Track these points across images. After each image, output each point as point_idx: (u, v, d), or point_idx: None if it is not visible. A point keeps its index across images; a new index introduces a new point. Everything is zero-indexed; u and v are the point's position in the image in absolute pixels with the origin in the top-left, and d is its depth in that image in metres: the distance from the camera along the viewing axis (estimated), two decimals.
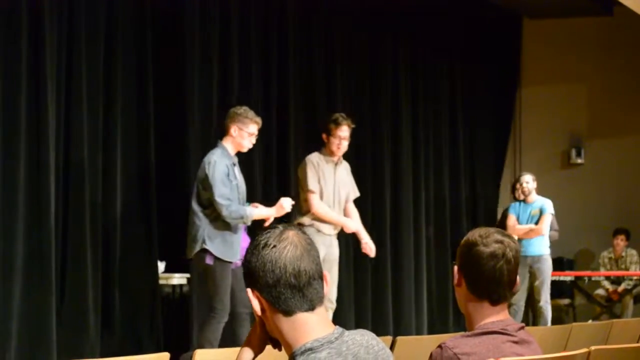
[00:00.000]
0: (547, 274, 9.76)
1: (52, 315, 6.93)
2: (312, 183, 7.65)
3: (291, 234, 2.29)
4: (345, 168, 7.99)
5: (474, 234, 3.02)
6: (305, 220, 7.69)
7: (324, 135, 7.75)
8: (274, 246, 2.27)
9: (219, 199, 6.75)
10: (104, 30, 7.55)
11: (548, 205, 9.82)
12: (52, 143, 7.01)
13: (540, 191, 10.17)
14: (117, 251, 7.56)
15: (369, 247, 7.96)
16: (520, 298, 9.71)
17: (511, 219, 9.89)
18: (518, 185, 9.95)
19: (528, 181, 9.89)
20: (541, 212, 9.77)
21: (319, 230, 7.65)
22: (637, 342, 6.84)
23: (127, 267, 7.63)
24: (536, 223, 9.74)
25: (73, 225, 7.25)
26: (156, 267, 7.92)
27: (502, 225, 9.90)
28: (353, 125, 7.80)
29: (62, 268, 7.20)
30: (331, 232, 7.78)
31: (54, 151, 7.05)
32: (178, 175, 8.32)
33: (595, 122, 12.91)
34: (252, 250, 2.29)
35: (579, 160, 12.90)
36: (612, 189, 12.67)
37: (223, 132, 7.01)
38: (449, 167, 11.70)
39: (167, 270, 8.26)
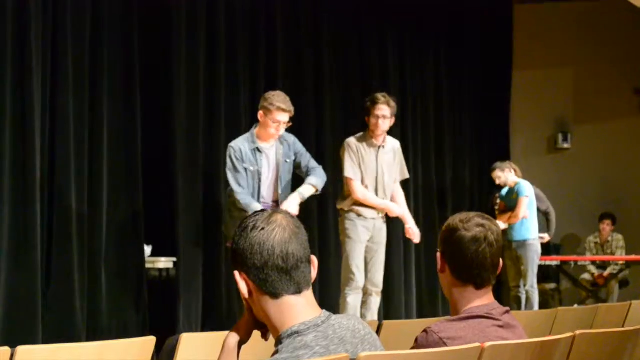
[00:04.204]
0: (532, 258, 9.75)
1: (38, 298, 6.92)
2: (348, 169, 7.46)
3: (280, 217, 2.30)
4: (391, 150, 7.72)
5: (455, 219, 3.03)
6: (345, 205, 7.56)
7: (366, 118, 7.54)
8: (263, 228, 2.27)
9: (232, 185, 6.80)
10: (90, 12, 7.51)
11: (521, 188, 9.78)
12: (38, 125, 6.98)
13: (527, 176, 10.20)
14: (104, 234, 7.54)
15: (412, 231, 7.77)
16: (519, 282, 9.75)
17: (501, 206, 9.95)
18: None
19: (499, 176, 9.89)
20: (517, 196, 9.77)
21: (359, 215, 7.52)
22: (622, 327, 6.86)
23: (113, 251, 7.61)
24: (514, 207, 9.76)
25: (59, 207, 7.23)
26: (143, 250, 7.91)
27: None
28: (394, 105, 7.50)
29: (48, 251, 7.18)
30: (374, 215, 7.58)
31: (40, 133, 7.02)
32: (165, 158, 8.30)
33: (582, 107, 12.93)
34: (241, 232, 2.30)
35: (566, 145, 12.92)
36: (598, 173, 12.71)
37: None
38: (435, 151, 11.68)
39: (154, 254, 8.26)
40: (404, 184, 10.95)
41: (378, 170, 7.60)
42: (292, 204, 6.84)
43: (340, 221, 7.68)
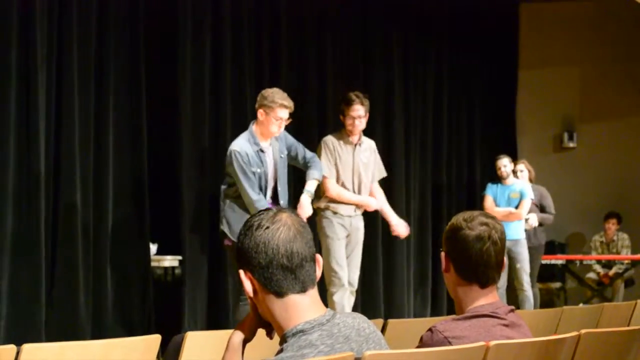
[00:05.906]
0: (526, 256, 9.71)
1: (42, 296, 6.92)
2: (324, 167, 7.38)
3: (284, 216, 2.30)
4: (368, 148, 7.74)
5: (458, 218, 3.03)
6: (321, 203, 7.54)
7: (340, 117, 7.57)
8: (267, 227, 2.28)
9: (248, 193, 6.64)
10: (96, 13, 7.52)
11: (528, 189, 9.77)
12: (43, 123, 6.98)
13: (532, 175, 10.18)
14: (109, 232, 7.54)
15: (399, 229, 7.75)
16: (503, 282, 9.70)
17: (488, 200, 9.79)
18: (496, 168, 9.89)
19: (505, 165, 9.81)
20: (521, 197, 9.72)
21: (335, 213, 7.51)
22: (628, 326, 6.86)
23: (118, 249, 7.61)
24: (516, 207, 9.70)
25: (64, 205, 7.22)
26: (148, 249, 7.92)
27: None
28: (367, 102, 7.51)
29: (53, 249, 7.17)
30: (351, 213, 7.56)
31: (44, 133, 7.03)
32: (170, 157, 8.30)
33: (587, 106, 12.92)
34: (245, 231, 2.30)
35: (571, 144, 12.91)
36: (604, 172, 12.69)
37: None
38: (442, 151, 11.66)
39: (159, 252, 8.27)
40: (411, 183, 11.03)
41: (354, 168, 7.61)
42: (307, 207, 6.89)
43: (318, 220, 7.65)
